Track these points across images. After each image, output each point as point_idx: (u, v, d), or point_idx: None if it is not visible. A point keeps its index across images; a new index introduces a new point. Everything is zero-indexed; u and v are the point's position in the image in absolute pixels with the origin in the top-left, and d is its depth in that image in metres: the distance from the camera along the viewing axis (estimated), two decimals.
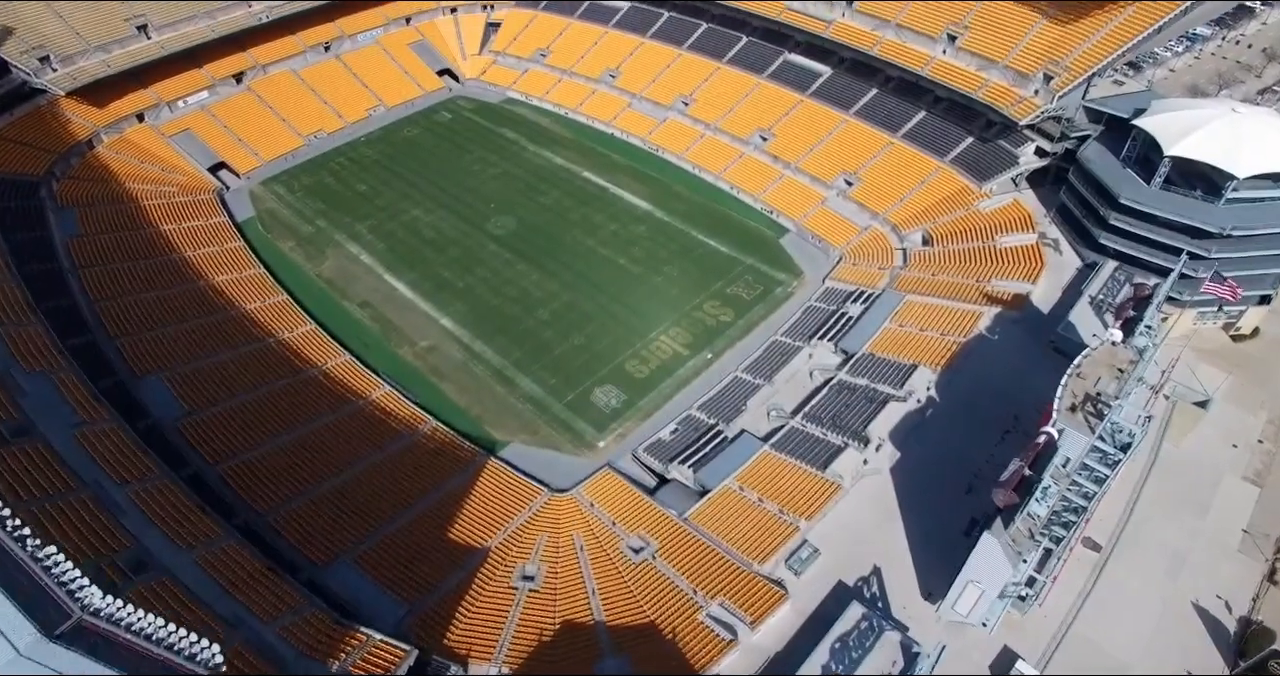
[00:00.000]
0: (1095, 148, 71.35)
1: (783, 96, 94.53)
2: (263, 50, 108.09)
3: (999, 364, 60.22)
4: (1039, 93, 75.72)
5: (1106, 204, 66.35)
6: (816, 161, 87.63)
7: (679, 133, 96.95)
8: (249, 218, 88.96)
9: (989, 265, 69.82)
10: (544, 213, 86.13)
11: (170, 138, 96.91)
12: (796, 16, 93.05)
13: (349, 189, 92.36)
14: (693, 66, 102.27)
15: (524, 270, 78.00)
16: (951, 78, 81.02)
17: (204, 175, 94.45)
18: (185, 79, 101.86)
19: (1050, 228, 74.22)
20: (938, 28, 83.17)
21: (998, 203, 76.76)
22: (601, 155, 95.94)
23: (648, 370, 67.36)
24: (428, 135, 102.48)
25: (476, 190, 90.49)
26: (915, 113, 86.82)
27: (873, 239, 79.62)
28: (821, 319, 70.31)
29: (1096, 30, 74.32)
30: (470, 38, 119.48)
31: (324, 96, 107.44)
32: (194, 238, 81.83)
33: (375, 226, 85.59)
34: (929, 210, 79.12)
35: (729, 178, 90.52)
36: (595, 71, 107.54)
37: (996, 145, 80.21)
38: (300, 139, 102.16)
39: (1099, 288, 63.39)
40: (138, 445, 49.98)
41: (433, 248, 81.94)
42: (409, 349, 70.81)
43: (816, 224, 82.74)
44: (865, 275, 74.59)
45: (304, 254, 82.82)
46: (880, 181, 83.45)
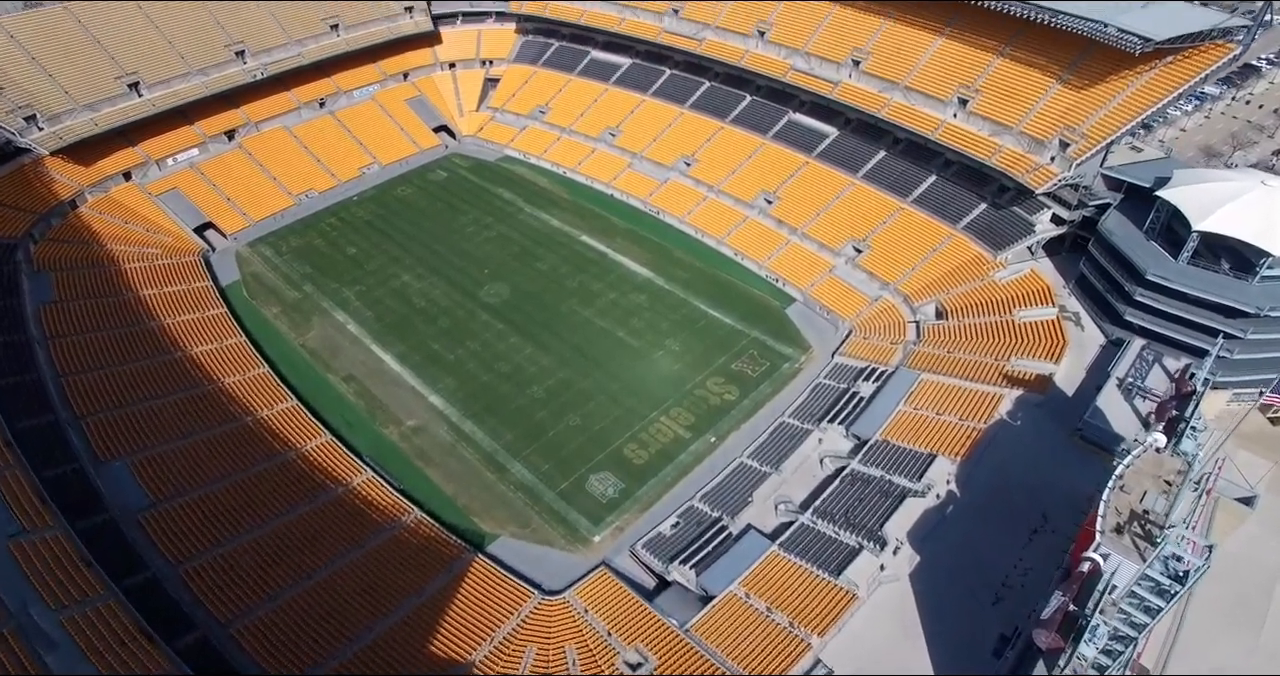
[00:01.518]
0: (1116, 218, 68.09)
1: (788, 158, 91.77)
2: (256, 106, 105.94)
3: (1023, 454, 56.12)
4: (1055, 159, 72.81)
5: (1132, 279, 62.86)
6: (823, 227, 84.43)
7: (681, 195, 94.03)
8: (234, 281, 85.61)
9: (1008, 342, 66.02)
10: (540, 279, 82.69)
11: (157, 197, 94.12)
12: (802, 77, 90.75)
13: (338, 252, 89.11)
14: (695, 126, 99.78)
15: (517, 343, 74.30)
16: (963, 143, 78.21)
17: (189, 236, 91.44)
18: (175, 136, 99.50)
19: (1070, 300, 70.62)
20: (948, 91, 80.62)
21: (1014, 273, 73.25)
22: (600, 218, 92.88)
23: (647, 455, 63.22)
24: (422, 195, 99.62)
25: (470, 254, 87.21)
26: (925, 177, 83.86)
27: (884, 311, 76.02)
28: (831, 399, 66.38)
29: (1113, 96, 71.57)
30: (468, 94, 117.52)
31: (317, 154, 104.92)
32: (175, 303, 78.39)
33: (364, 293, 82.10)
34: (942, 280, 75.66)
35: (732, 243, 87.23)
36: (595, 130, 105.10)
37: (1011, 212, 77.06)
38: (291, 198, 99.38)
39: (1127, 369, 59.48)
40: (83, 558, 45.46)
41: (423, 317, 78.33)
42: (394, 429, 66.75)
43: (824, 294, 79.19)
44: (877, 351, 70.81)
45: (289, 321, 79.23)
46: (890, 249, 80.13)
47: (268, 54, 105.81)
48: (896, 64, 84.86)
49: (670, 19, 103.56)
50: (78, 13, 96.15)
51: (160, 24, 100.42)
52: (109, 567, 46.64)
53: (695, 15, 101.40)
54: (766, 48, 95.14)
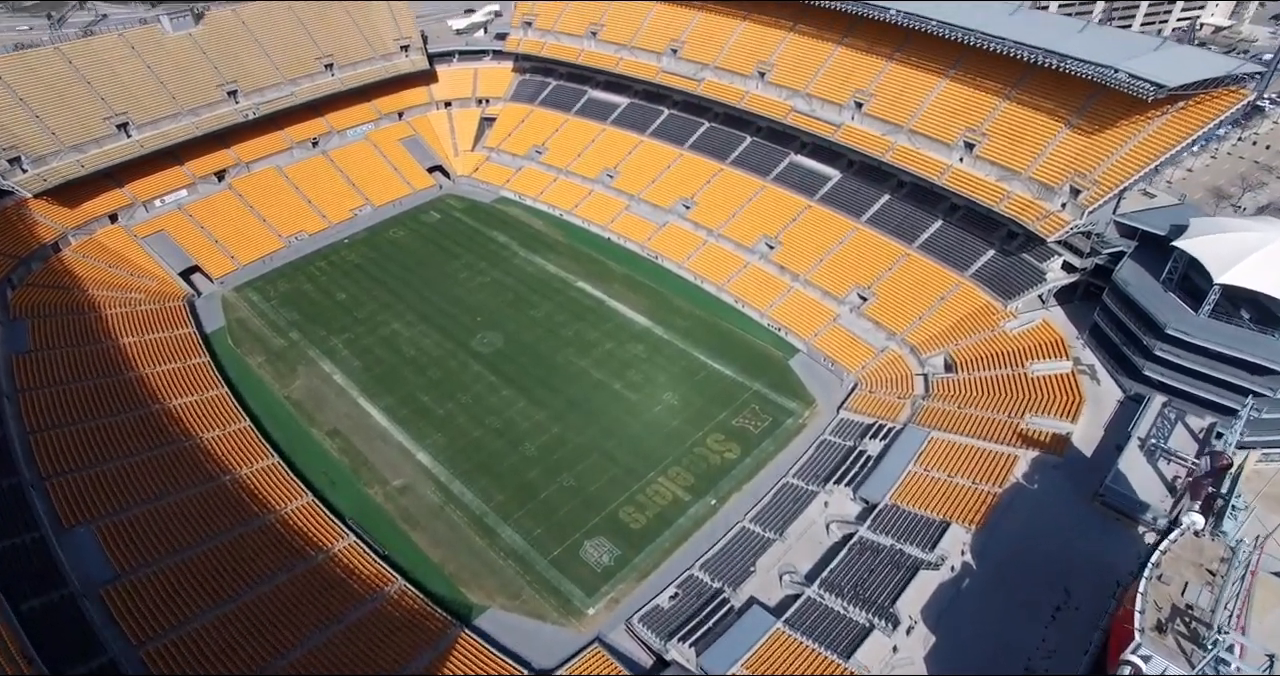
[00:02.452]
0: (1131, 268, 65.64)
1: (789, 201, 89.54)
2: (247, 146, 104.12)
3: (1042, 522, 53.02)
4: (1066, 206, 70.54)
5: (1150, 333, 60.23)
6: (827, 273, 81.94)
7: (679, 239, 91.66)
8: (219, 328, 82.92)
9: (1021, 397, 63.14)
10: (534, 328, 79.97)
11: (143, 239, 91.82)
12: (803, 119, 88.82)
13: (327, 297, 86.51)
14: (694, 167, 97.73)
15: (510, 396, 71.36)
16: (971, 188, 75.97)
17: (175, 280, 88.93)
18: (164, 177, 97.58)
19: (1084, 352, 67.92)
20: (953, 134, 78.56)
21: (1025, 323, 70.61)
22: (597, 262, 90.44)
23: (644, 519, 60.03)
24: (414, 238, 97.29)
25: (463, 301, 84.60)
26: (931, 221, 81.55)
27: (890, 363, 73.25)
28: (837, 458, 63.37)
29: (1124, 141, 69.42)
30: (464, 133, 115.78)
31: (308, 195, 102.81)
32: (156, 352, 75.63)
33: (352, 341, 79.34)
34: (950, 331, 72.98)
35: (733, 289, 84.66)
36: (593, 171, 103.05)
37: (1020, 259, 74.64)
38: (280, 240, 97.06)
39: (1148, 428, 56.57)
40: (25, 654, 41.66)
41: (412, 367, 75.50)
42: (379, 489, 63.58)
43: (828, 344, 76.44)
44: (884, 406, 67.90)
45: (273, 371, 76.37)
46: (896, 297, 77.54)
47: (260, 93, 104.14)
48: (900, 106, 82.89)
49: (669, 59, 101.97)
50: (69, 53, 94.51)
51: (152, 64, 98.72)
52: (62, 651, 43.18)
53: (694, 55, 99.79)
54: (767, 89, 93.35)
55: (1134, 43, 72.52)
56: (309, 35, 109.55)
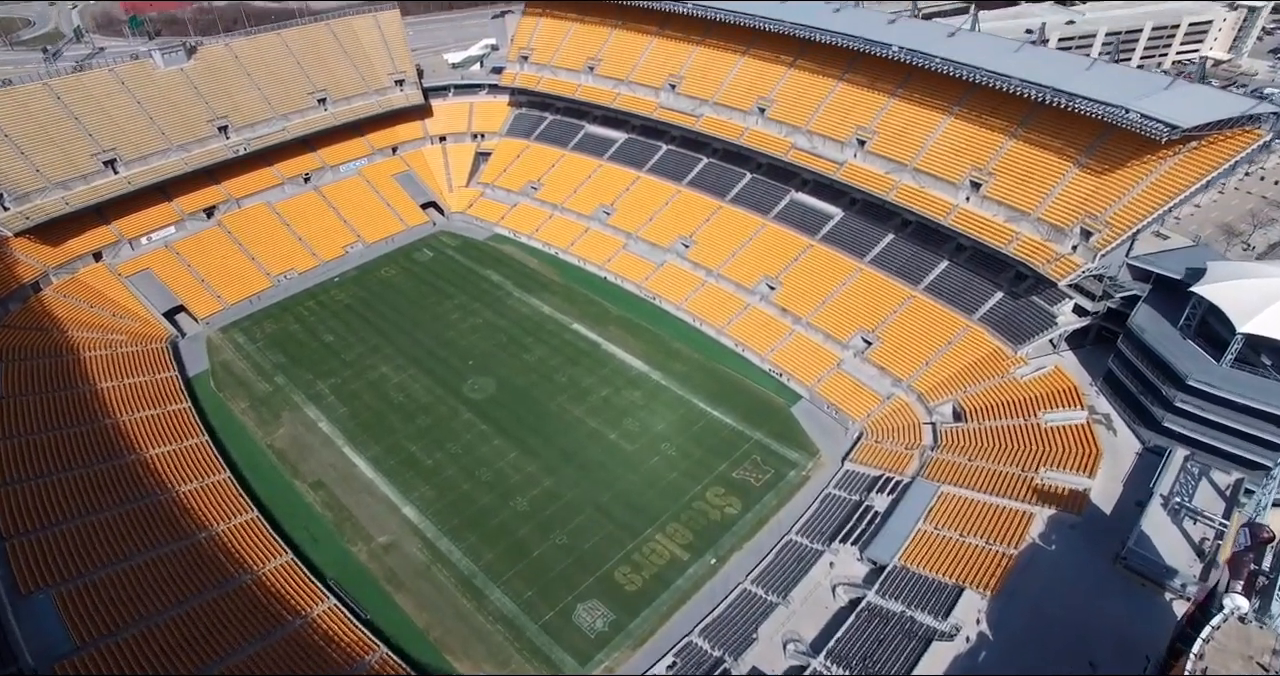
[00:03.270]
0: (1147, 313, 63.15)
1: (790, 240, 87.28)
2: (238, 182, 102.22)
3: (1061, 587, 50.01)
4: (1077, 249, 68.23)
5: (1170, 383, 57.64)
6: (830, 316, 79.42)
7: (678, 279, 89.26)
8: (202, 371, 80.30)
9: (1035, 449, 60.34)
10: (527, 373, 77.30)
11: (127, 278, 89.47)
12: (804, 156, 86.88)
13: (315, 338, 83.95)
14: (693, 204, 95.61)
15: (501, 446, 68.54)
16: (978, 229, 73.72)
17: (159, 321, 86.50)
18: (152, 214, 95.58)
19: (1099, 400, 65.23)
20: (959, 173, 76.49)
21: (1036, 370, 67.99)
22: (593, 303, 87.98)
23: (641, 580, 56.94)
24: (406, 276, 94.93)
25: (454, 343, 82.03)
26: (937, 262, 79.19)
27: (897, 411, 70.52)
28: (843, 514, 60.45)
29: (1135, 182, 67.23)
30: (458, 168, 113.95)
31: (299, 232, 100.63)
32: (135, 397, 72.92)
33: (338, 386, 76.65)
34: (959, 377, 70.35)
35: (733, 333, 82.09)
36: (589, 207, 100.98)
37: (1030, 302, 72.19)
38: (269, 279, 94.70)
39: (1171, 485, 53.60)
40: None
41: (400, 414, 72.75)
42: (363, 546, 60.54)
43: (832, 391, 73.73)
44: (891, 457, 65.05)
45: (257, 417, 73.61)
46: (902, 341, 74.98)
47: (251, 129, 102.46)
48: (904, 144, 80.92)
49: (667, 94, 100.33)
50: (57, 88, 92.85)
51: (142, 99, 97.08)
52: None
53: (693, 90, 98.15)
54: (767, 125, 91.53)
55: (1143, 81, 70.74)
56: (302, 70, 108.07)
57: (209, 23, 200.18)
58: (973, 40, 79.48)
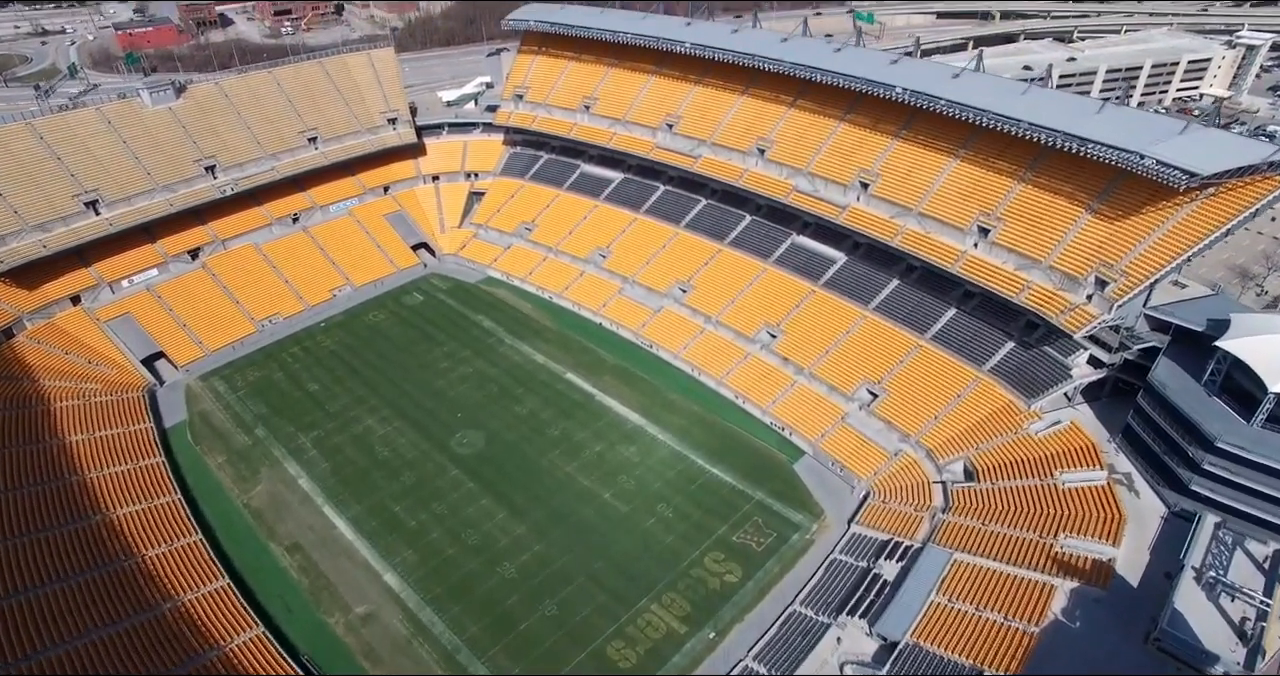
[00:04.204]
0: (1168, 368, 60.15)
1: (792, 285, 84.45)
2: (224, 223, 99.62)
3: (1089, 671, 46.25)
4: (1092, 299, 65.31)
5: (1197, 444, 54.45)
6: (834, 366, 76.35)
7: (675, 326, 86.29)
8: (179, 422, 77.06)
9: (1053, 513, 57.02)
10: (518, 426, 74.01)
11: (106, 323, 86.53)
12: (805, 199, 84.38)
13: (298, 388, 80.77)
14: (691, 247, 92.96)
15: (489, 507, 65.08)
16: (987, 277, 70.93)
17: (136, 368, 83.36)
18: (134, 255, 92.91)
19: (1118, 457, 61.91)
20: (967, 219, 73.89)
21: (1051, 425, 64.82)
22: (588, 351, 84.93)
23: (635, 655, 53.25)
24: (395, 321, 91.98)
25: (443, 394, 78.82)
26: (944, 309, 76.32)
27: (905, 468, 67.20)
28: (850, 582, 56.95)
29: (1151, 230, 64.54)
30: (451, 208, 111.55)
31: (286, 274, 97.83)
32: (106, 451, 69.66)
33: (321, 439, 73.33)
34: (970, 432, 67.16)
35: (733, 383, 78.92)
36: (584, 250, 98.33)
37: (1042, 352, 69.24)
38: (253, 324, 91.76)
39: (1203, 556, 50.21)
40: None
41: (384, 471, 69.35)
42: (340, 617, 56.84)
43: (837, 446, 70.43)
44: (900, 520, 61.62)
45: (234, 473, 70.21)
46: (909, 394, 71.87)
47: (240, 168, 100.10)
48: (909, 187, 78.43)
49: (664, 134, 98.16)
50: (41, 128, 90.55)
51: (128, 139, 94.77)
52: None
53: (691, 130, 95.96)
54: (767, 166, 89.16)
55: (1157, 125, 68.13)
56: (293, 108, 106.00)
57: (204, 59, 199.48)
58: (978, 81, 77.20)
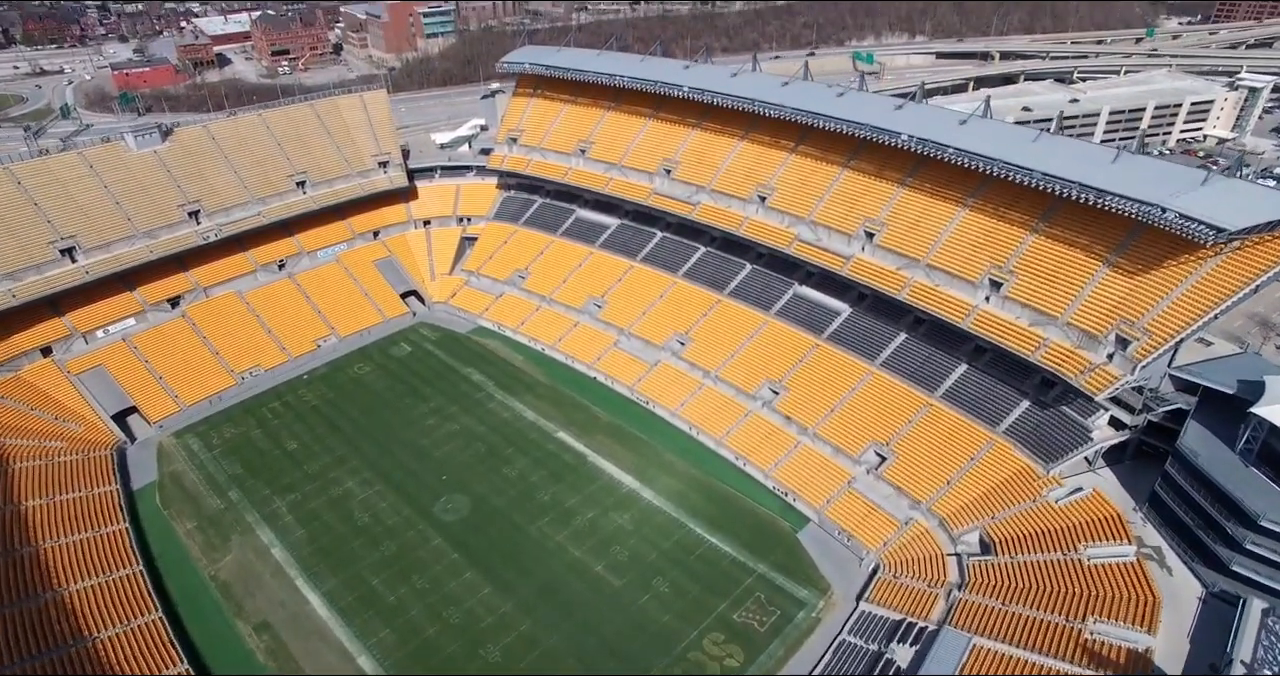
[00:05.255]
0: (1198, 434, 56.39)
1: (794, 339, 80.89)
2: (207, 269, 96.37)
3: None
4: (1113, 358, 61.63)
5: (1237, 520, 50.65)
6: (839, 426, 72.52)
7: (673, 381, 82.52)
8: (148, 484, 73.09)
9: (1079, 592, 52.86)
10: (506, 490, 69.95)
11: (77, 376, 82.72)
12: (809, 249, 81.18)
13: (277, 446, 76.84)
14: (689, 298, 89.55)
15: (473, 581, 60.78)
16: (1000, 334, 67.41)
17: (106, 425, 79.50)
18: (111, 304, 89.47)
19: (1145, 528, 57.89)
20: (977, 271, 70.56)
21: (1072, 493, 60.95)
22: (581, 408, 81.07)
23: None
24: (381, 375, 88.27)
25: (428, 454, 74.85)
26: (954, 365, 72.71)
27: (917, 539, 63.05)
28: (860, 668, 52.80)
29: (1174, 285, 61.08)
30: (442, 255, 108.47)
31: (270, 324, 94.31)
32: (66, 518, 65.53)
33: (298, 503, 69.25)
34: (985, 499, 63.17)
35: (733, 444, 74.95)
36: (578, 299, 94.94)
37: (1059, 413, 65.48)
38: (232, 376, 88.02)
39: (1253, 649, 45.79)
40: None
41: (364, 539, 65.16)
42: None
43: (843, 514, 66.32)
44: (912, 598, 57.33)
45: (203, 541, 66.01)
46: (919, 456, 67.99)
47: (225, 213, 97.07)
48: (916, 237, 75.25)
49: (662, 179, 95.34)
50: (19, 173, 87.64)
51: (110, 184, 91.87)
52: None
53: (689, 176, 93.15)
54: (768, 214, 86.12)
55: (1175, 175, 64.93)
56: (282, 151, 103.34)
57: (200, 99, 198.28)
58: (986, 128, 74.38)
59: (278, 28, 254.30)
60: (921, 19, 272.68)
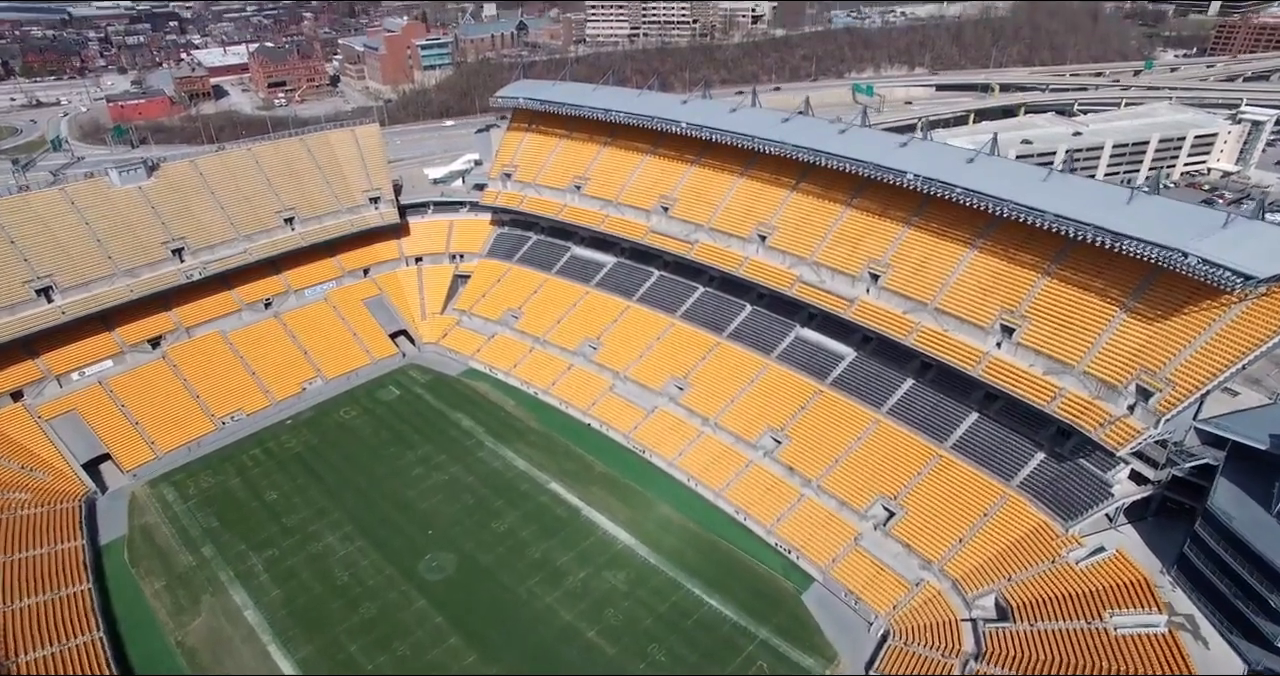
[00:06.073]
0: (1229, 493, 53.08)
1: (797, 384, 77.69)
2: (191, 309, 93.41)
3: None
4: (1135, 409, 58.31)
5: (1278, 590, 46.75)
6: (844, 478, 69.09)
7: (670, 428, 79.17)
8: (117, 538, 69.54)
9: (1108, 667, 49.19)
10: (495, 546, 66.37)
11: (48, 422, 79.55)
12: (811, 292, 78.17)
13: (255, 497, 73.36)
14: (687, 340, 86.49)
15: (458, 647, 57.04)
16: (1013, 383, 64.15)
17: (76, 474, 76.12)
18: (88, 345, 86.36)
19: (1175, 594, 54.23)
20: (988, 316, 67.47)
21: (1094, 553, 57.51)
22: (574, 457, 77.69)
23: None
24: (367, 419, 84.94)
25: (413, 507, 71.33)
26: (965, 414, 69.47)
27: (929, 602, 59.37)
28: None
29: (1197, 332, 57.90)
30: (434, 293, 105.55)
31: (253, 366, 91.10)
32: (25, 578, 62.15)
33: (275, 560, 65.65)
34: (1000, 559, 59.64)
35: (733, 497, 71.45)
36: (573, 341, 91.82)
37: (1077, 465, 62.17)
38: (212, 422, 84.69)
39: None
40: None
41: (343, 600, 61.48)
42: None
43: (850, 574, 62.66)
44: (926, 668, 53.72)
45: (171, 602, 62.29)
46: (929, 511, 64.54)
47: (210, 251, 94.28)
48: (922, 280, 72.28)
49: (659, 217, 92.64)
50: None
51: (91, 220, 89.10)
52: None
53: (687, 214, 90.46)
54: (768, 254, 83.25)
55: (1194, 217, 61.94)
56: (271, 187, 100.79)
57: (194, 131, 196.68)
58: (994, 166, 71.71)
59: (275, 59, 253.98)
60: (920, 51, 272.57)
